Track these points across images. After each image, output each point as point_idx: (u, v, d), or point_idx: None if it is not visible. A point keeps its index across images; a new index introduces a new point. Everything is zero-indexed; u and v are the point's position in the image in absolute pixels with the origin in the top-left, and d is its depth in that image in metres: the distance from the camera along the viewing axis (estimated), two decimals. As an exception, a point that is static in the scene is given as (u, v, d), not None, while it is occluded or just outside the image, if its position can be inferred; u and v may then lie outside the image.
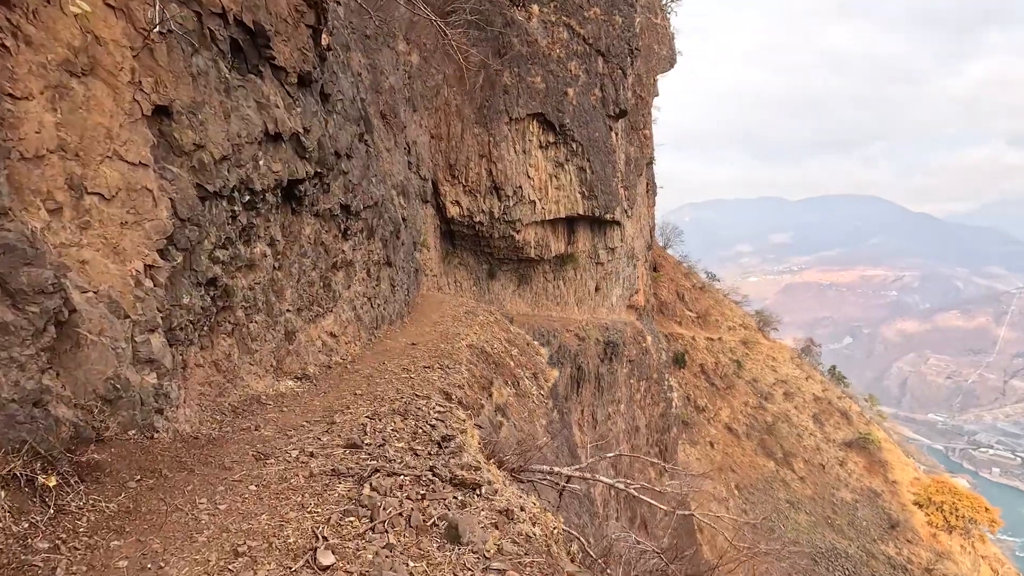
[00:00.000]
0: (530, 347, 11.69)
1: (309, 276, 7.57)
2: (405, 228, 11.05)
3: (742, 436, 57.84)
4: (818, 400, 65.14)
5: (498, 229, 18.66)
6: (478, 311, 11.92)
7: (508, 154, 17.73)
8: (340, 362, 7.83)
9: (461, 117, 16.69)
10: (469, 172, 17.19)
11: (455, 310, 11.43)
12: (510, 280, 22.57)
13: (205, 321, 5.48)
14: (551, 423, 9.58)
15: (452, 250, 19.16)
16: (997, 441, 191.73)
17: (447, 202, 17.35)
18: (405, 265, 10.92)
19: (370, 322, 9.23)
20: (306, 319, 7.43)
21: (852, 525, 51.81)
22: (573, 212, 20.78)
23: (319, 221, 7.86)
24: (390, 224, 10.25)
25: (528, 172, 18.69)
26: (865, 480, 57.22)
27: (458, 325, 10.25)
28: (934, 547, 50.92)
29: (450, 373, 7.32)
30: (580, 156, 20.01)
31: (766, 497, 52.81)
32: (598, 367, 24.01)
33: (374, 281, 9.65)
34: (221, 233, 5.48)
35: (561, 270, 24.89)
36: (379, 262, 9.84)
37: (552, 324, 22.00)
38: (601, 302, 29.41)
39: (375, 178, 9.81)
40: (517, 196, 18.46)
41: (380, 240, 9.84)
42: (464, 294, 19.94)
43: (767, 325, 75.79)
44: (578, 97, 19.45)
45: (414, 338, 9.16)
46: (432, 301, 12.51)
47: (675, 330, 67.68)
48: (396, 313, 10.10)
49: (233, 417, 5.53)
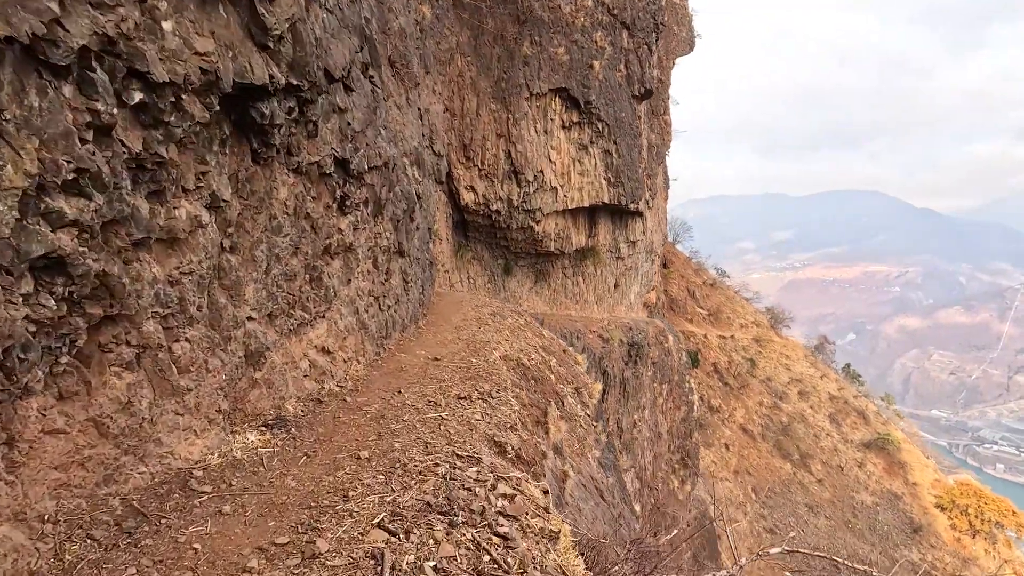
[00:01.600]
0: (567, 355, 9.80)
1: (288, 265, 5.23)
2: (420, 209, 8.97)
3: (757, 437, 56.05)
4: (834, 399, 63.40)
5: (516, 219, 16.66)
6: (505, 312, 10.00)
7: (528, 134, 15.72)
8: (336, 391, 5.59)
9: (476, 91, 14.71)
10: (485, 154, 15.19)
11: (478, 312, 9.49)
12: (527, 277, 20.59)
13: (58, 344, 3.03)
14: (604, 454, 7.65)
15: (465, 243, 17.18)
16: (1001, 437, 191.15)
17: (461, 187, 15.34)
18: (420, 256, 8.87)
19: (378, 330, 7.07)
20: (283, 330, 5.14)
21: (873, 530, 50.09)
22: (598, 200, 18.77)
23: (303, 181, 5.35)
24: (403, 200, 7.93)
25: (550, 155, 16.68)
26: (885, 482, 55.49)
27: (485, 330, 8.33)
28: (959, 552, 49.25)
29: (495, 406, 5.28)
30: (606, 138, 17.99)
31: (784, 501, 51.07)
32: (623, 371, 22.07)
33: (382, 275, 7.41)
34: (69, 159, 2.83)
35: (580, 265, 22.91)
36: (389, 249, 7.56)
37: (574, 325, 20.03)
38: (620, 300, 27.48)
39: (384, 131, 7.28)
40: (538, 182, 16.45)
41: (390, 220, 7.53)
42: (478, 292, 17.96)
43: (779, 322, 74.02)
44: (604, 71, 17.45)
45: (435, 350, 7.17)
46: (449, 301, 10.55)
47: (686, 328, 65.84)
48: (410, 316, 8.10)
49: (113, 538, 2.94)
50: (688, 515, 32.47)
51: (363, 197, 6.69)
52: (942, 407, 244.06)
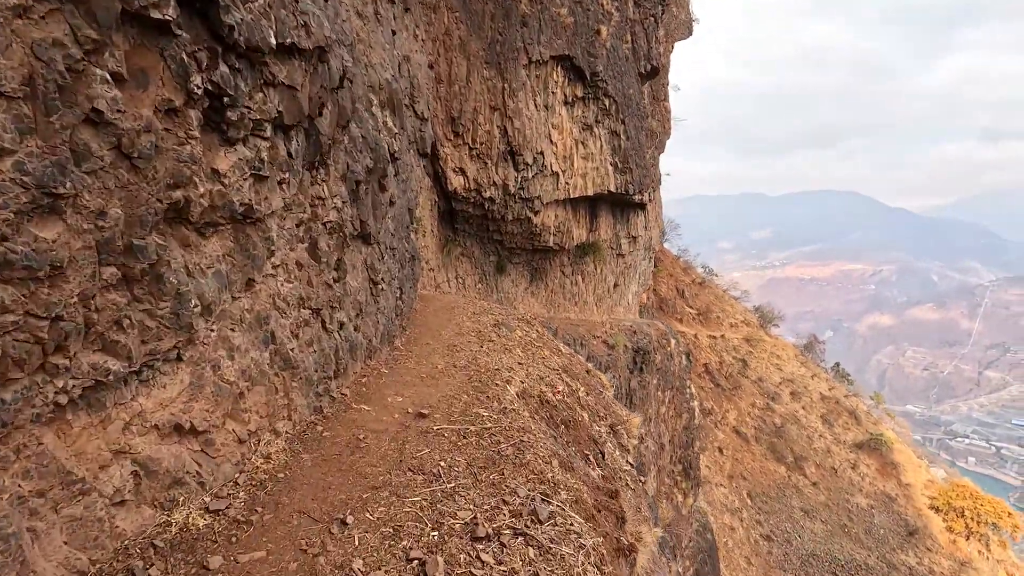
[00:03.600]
0: (592, 377, 7.48)
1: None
2: (397, 178, 6.33)
3: (751, 440, 54.68)
4: (825, 399, 62.54)
5: (512, 209, 14.24)
6: (510, 322, 7.63)
7: (527, 108, 13.31)
8: (197, 529, 2.74)
9: (466, 53, 12.26)
10: (477, 129, 12.71)
11: (477, 321, 7.07)
12: (521, 276, 18.19)
13: None
14: (663, 534, 5.31)
15: (453, 236, 14.70)
16: (972, 431, 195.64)
17: (448, 169, 12.81)
18: (398, 246, 6.29)
19: (318, 367, 4.41)
20: (76, 405, 2.60)
21: (869, 533, 49.06)
22: (603, 188, 16.45)
23: (95, 31, 2.51)
24: (366, 153, 5.26)
25: (550, 135, 14.31)
26: (879, 484, 54.69)
27: (490, 350, 5.94)
28: (955, 555, 48.56)
29: (550, 558, 2.46)
30: (613, 117, 15.69)
31: (780, 506, 49.73)
32: (629, 380, 19.78)
33: (328, 271, 4.70)
34: None
35: (580, 263, 20.59)
36: (342, 229, 4.84)
37: (576, 330, 17.69)
38: (619, 300, 25.24)
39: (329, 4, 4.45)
40: (537, 165, 14.04)
41: (343, 179, 4.80)
42: (468, 293, 15.48)
43: (768, 321, 73.10)
44: (612, 40, 15.14)
45: (419, 393, 4.46)
46: (437, 307, 8.10)
47: (677, 328, 64.26)
48: (381, 335, 5.52)
49: None
50: (690, 529, 30.49)
51: (274, 111, 3.59)
52: (916, 402, 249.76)
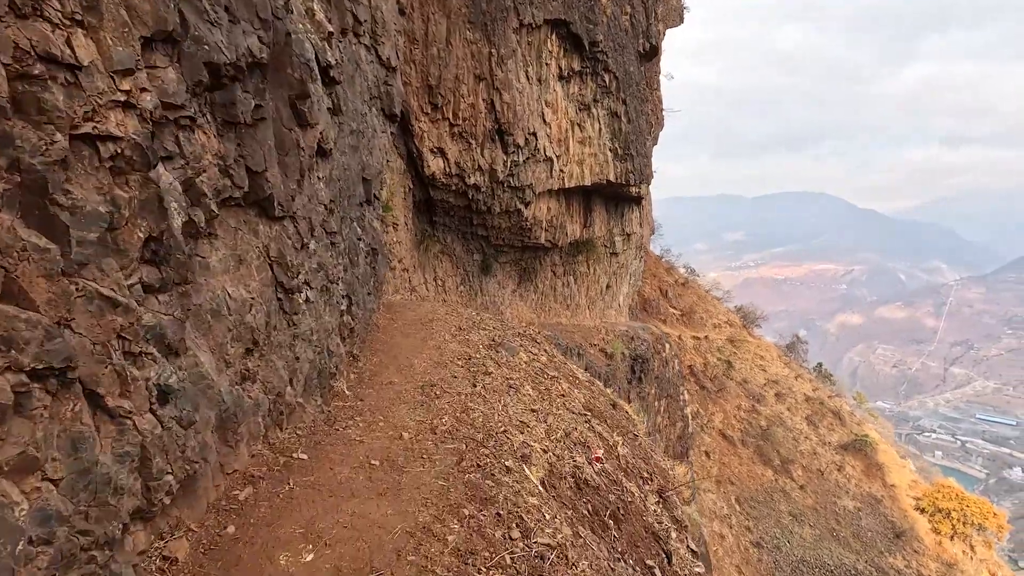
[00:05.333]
0: (619, 412, 5.51)
1: None
2: (337, 118, 4.22)
3: (738, 443, 53.63)
4: (810, 400, 62.10)
5: (500, 199, 12.20)
6: (511, 341, 5.62)
7: (518, 80, 11.29)
8: None
9: (447, 9, 10.19)
10: (459, 102, 10.62)
11: (464, 342, 5.03)
12: (509, 276, 16.15)
13: None
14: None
15: (432, 231, 12.60)
16: (939, 426, 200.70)
17: (425, 150, 10.68)
18: (342, 229, 4.14)
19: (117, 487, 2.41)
20: None
21: (857, 537, 48.46)
22: (601, 178, 14.51)
23: None
24: (257, 27, 3.66)
25: (544, 113, 12.32)
26: (865, 485, 54.30)
27: (487, 390, 3.94)
28: (941, 556, 48.35)
29: None
30: (614, 95, 13.75)
31: (768, 511, 48.71)
32: (628, 392, 17.84)
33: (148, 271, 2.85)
34: None
35: (572, 262, 18.64)
36: (192, 184, 3.04)
37: (572, 337, 15.69)
38: (610, 302, 23.35)
39: None
40: (529, 148, 12.02)
41: (199, 65, 3.04)
42: (449, 297, 13.34)
43: (751, 322, 72.49)
44: (612, 6, 13.24)
45: (358, 522, 2.38)
46: (409, 319, 6.03)
47: (661, 329, 62.98)
48: (308, 379, 3.46)
49: None
50: (684, 544, 28.81)
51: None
52: (886, 398, 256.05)
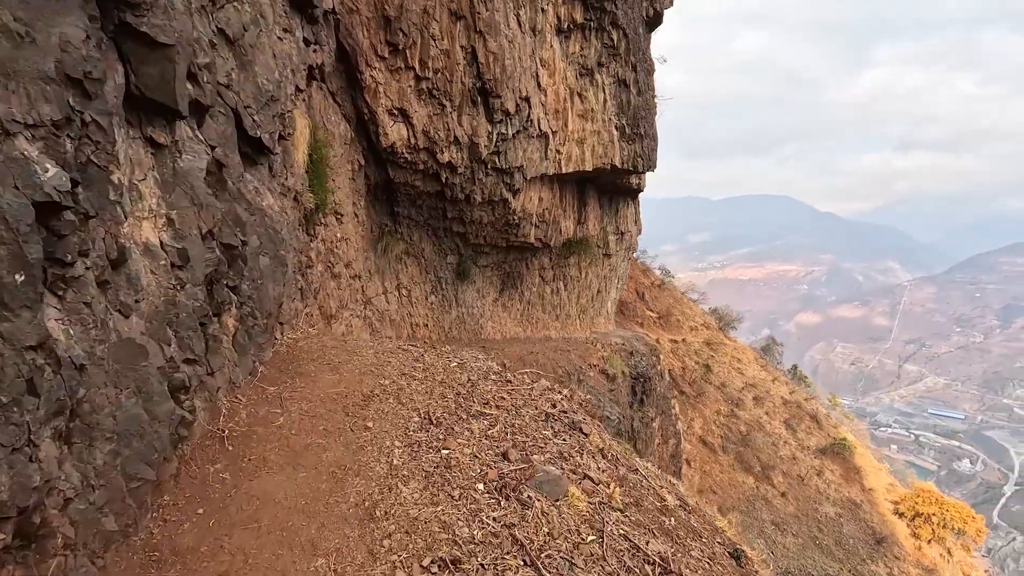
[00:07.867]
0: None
1: None
2: None
3: (718, 450, 52.09)
4: (787, 404, 61.26)
5: (483, 184, 9.27)
6: (547, 471, 2.78)
7: (507, 24, 8.38)
8: None
9: (414, -82, 7.31)
10: (428, 48, 7.57)
11: (433, 485, 2.08)
12: (490, 283, 13.32)
13: None
14: None
15: (392, 226, 9.61)
16: (894, 420, 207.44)
17: (380, 110, 7.54)
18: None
19: None
20: None
21: (840, 544, 47.45)
22: (606, 161, 11.77)
23: None
24: None
25: (538, 74, 9.53)
26: (844, 490, 53.61)
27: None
28: (921, 562, 47.89)
29: None
30: (622, 60, 11.00)
31: (751, 520, 47.15)
32: (631, 417, 15.17)
33: None
34: None
35: (564, 265, 15.94)
36: None
37: (567, 357, 12.97)
38: (599, 310, 20.75)
39: None
40: (521, 118, 9.12)
41: None
42: (416, 311, 10.42)
43: (727, 324, 71.49)
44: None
45: None
46: (319, 391, 3.17)
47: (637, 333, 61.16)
48: None
49: None
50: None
51: None
52: (845, 395, 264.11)
